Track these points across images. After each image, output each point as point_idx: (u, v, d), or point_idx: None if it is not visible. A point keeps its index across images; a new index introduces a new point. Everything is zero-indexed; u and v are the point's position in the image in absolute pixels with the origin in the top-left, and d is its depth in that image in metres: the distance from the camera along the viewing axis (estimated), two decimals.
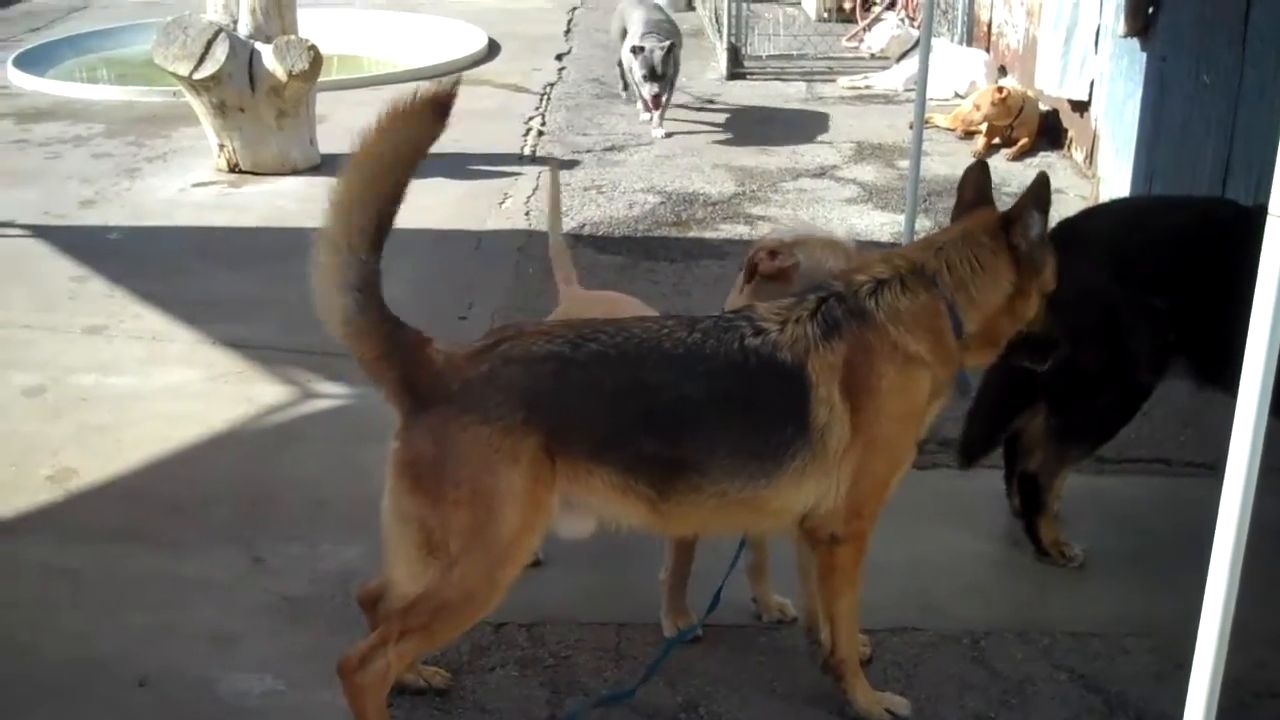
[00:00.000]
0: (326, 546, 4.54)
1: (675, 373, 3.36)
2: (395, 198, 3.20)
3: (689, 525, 3.63)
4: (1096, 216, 4.94)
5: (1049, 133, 9.76)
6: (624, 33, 10.64)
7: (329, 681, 3.43)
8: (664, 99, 10.19)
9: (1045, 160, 9.41)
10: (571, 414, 3.30)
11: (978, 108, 9.72)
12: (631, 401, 3.34)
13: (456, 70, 12.16)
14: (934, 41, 9.35)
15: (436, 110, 3.21)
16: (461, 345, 3.36)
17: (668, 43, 10.02)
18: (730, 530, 3.78)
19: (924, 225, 7.91)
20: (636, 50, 10.05)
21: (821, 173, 9.25)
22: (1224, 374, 3.90)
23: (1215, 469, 2.60)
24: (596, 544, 3.99)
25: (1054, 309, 3.72)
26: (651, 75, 9.99)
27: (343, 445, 5.25)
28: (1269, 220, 2.46)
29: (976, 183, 3.75)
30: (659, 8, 10.97)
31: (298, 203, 8.39)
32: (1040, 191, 3.53)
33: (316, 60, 8.83)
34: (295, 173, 9.03)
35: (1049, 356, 3.81)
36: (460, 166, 9.14)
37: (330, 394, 5.75)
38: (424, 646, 3.47)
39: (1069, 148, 9.54)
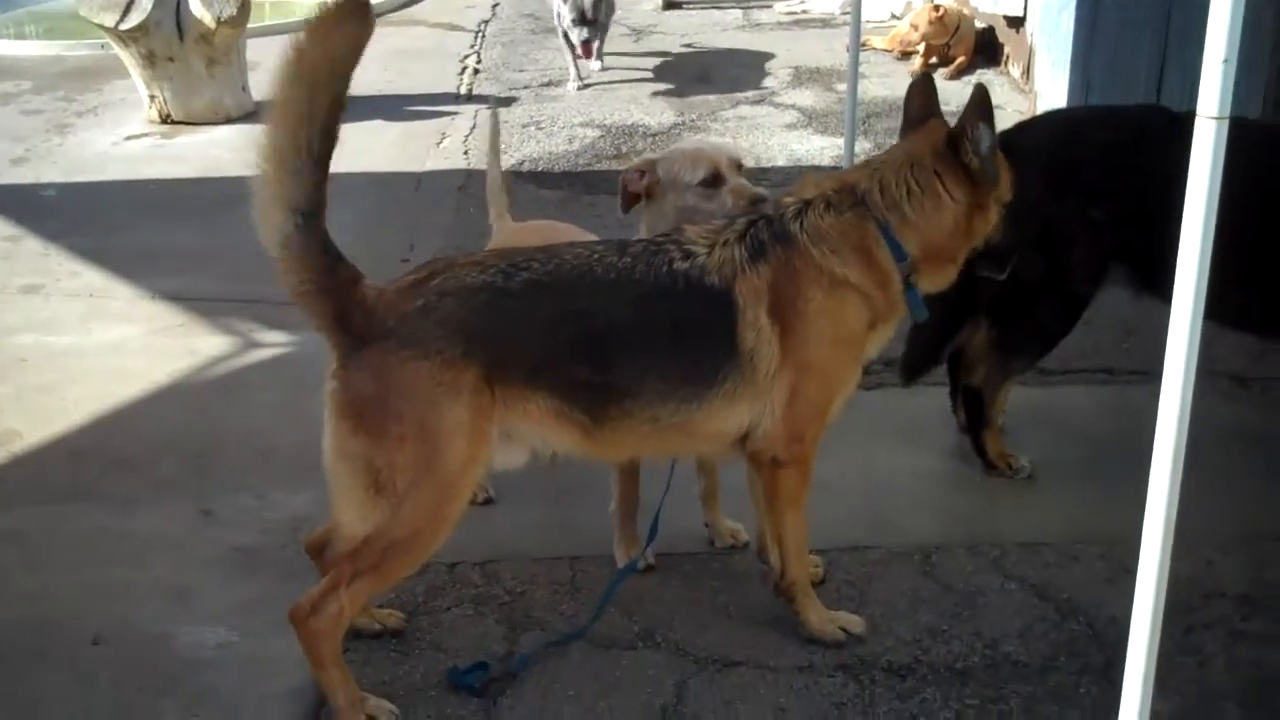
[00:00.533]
0: (275, 495, 4.51)
1: (606, 298, 3.35)
2: (338, 110, 3.10)
3: (623, 450, 3.62)
4: (1031, 129, 4.93)
5: (985, 50, 9.76)
6: None
7: (283, 630, 3.41)
8: (595, 45, 9.74)
9: (983, 77, 9.41)
10: (508, 342, 3.28)
11: (915, 27, 9.71)
12: (564, 328, 3.33)
13: (389, 11, 12.04)
14: None
15: (358, 11, 3.10)
16: (393, 281, 3.32)
17: None
18: (666, 453, 3.77)
19: (864, 147, 7.89)
20: None
21: (760, 99, 9.21)
22: (1162, 281, 3.87)
23: (1157, 376, 2.61)
24: (546, 480, 3.99)
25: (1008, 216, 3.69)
26: (581, 19, 9.50)
27: (287, 393, 5.21)
28: (1198, 122, 2.46)
29: (922, 97, 3.70)
30: None
31: (232, 151, 8.29)
32: (982, 104, 3.47)
33: (245, 6, 8.71)
34: (229, 121, 8.93)
35: (1009, 264, 3.80)
36: (397, 108, 9.06)
37: (273, 343, 5.70)
38: (376, 587, 3.44)
39: (1006, 64, 9.54)
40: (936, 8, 9.66)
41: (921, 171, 3.51)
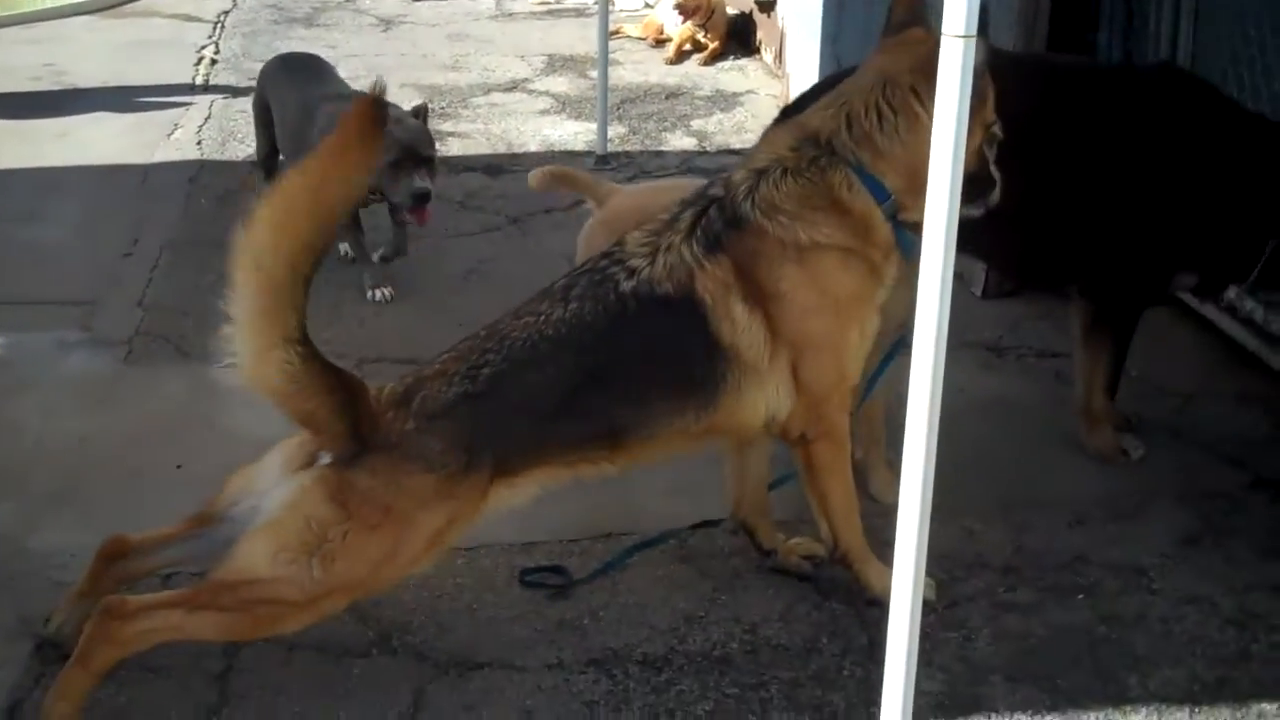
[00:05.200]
0: None
1: (571, 356, 3.19)
2: (330, 228, 2.94)
3: (653, 460, 3.48)
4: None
5: (739, 36, 9.69)
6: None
7: None
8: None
9: (737, 63, 9.38)
10: (502, 439, 3.14)
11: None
12: (546, 398, 3.17)
13: (123, 2, 11.39)
14: None
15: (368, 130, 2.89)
16: (380, 394, 3.14)
17: None
18: (700, 451, 3.63)
19: (618, 132, 7.74)
20: None
21: (513, 86, 8.97)
22: None
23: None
24: None
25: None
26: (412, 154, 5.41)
27: None
28: (943, 41, 2.30)
29: (908, 3, 3.35)
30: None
31: None
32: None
33: None
34: None
35: (985, 198, 3.36)
36: (126, 99, 8.53)
37: None
38: (215, 632, 3.12)
39: (759, 49, 9.49)
40: None
41: (896, 90, 3.20)
